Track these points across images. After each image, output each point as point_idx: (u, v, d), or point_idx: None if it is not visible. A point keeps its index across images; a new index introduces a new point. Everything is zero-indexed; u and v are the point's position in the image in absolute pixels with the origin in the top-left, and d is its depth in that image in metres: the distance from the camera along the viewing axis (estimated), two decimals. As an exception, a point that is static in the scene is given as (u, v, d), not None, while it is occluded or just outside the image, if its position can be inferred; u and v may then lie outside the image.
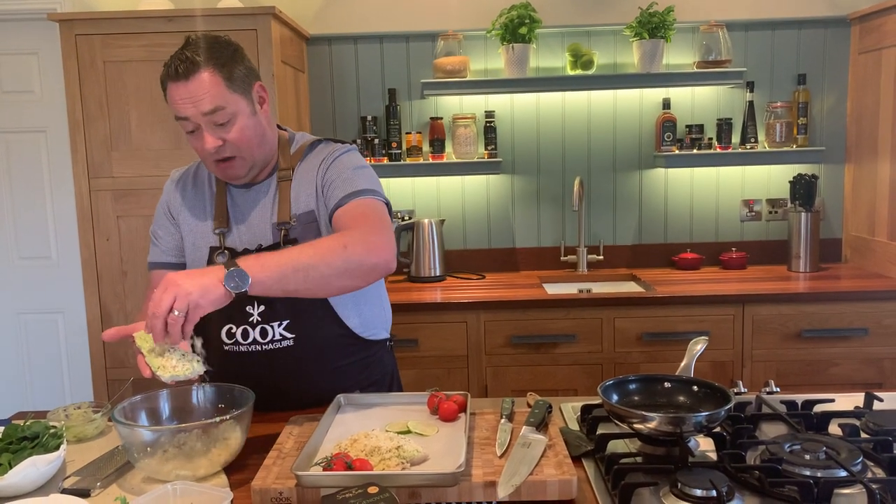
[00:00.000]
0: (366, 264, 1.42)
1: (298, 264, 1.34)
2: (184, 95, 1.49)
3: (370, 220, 1.51)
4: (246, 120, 1.54)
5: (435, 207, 3.38)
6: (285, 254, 1.37)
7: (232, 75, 1.52)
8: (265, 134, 1.60)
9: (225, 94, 1.50)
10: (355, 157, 1.67)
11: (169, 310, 1.23)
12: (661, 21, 3.06)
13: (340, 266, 1.38)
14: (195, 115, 1.50)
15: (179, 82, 1.49)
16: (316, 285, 1.38)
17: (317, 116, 3.32)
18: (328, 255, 1.37)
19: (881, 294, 2.76)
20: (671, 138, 3.21)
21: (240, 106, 1.53)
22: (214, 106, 1.49)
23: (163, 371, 1.30)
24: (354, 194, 1.56)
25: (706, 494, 1.10)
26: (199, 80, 1.48)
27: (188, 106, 1.49)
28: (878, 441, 1.27)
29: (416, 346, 2.80)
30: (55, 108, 3.21)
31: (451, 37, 3.17)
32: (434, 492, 1.15)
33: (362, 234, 1.45)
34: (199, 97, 1.48)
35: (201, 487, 1.16)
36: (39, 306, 3.34)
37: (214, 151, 1.53)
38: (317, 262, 1.36)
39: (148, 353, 1.31)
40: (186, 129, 1.54)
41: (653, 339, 2.78)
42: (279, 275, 1.32)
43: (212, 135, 1.52)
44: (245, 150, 1.56)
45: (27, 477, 1.23)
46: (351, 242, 1.41)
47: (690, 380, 1.41)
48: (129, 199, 2.74)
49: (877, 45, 3.03)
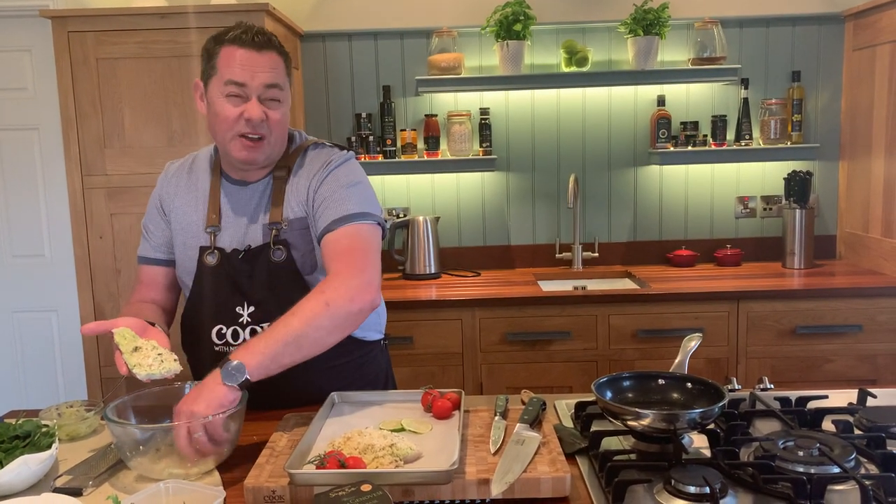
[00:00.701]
0: (352, 314, 1.46)
1: (288, 338, 1.38)
2: (251, 63, 1.52)
3: (354, 257, 1.51)
4: (286, 109, 1.60)
5: (430, 205, 3.37)
6: (271, 333, 1.39)
7: (289, 67, 1.61)
8: (286, 128, 1.65)
9: (285, 78, 1.59)
10: (351, 169, 1.65)
11: (189, 437, 1.25)
12: (655, 18, 3.06)
13: (328, 325, 1.43)
14: (255, 85, 1.53)
15: (251, 50, 1.53)
16: (309, 351, 1.43)
17: (311, 113, 3.31)
18: (314, 319, 1.41)
19: (875, 290, 2.77)
20: (666, 135, 3.21)
21: (287, 94, 1.61)
22: (278, 82, 1.55)
23: (139, 369, 1.31)
24: (344, 220, 1.55)
25: (700, 491, 1.10)
26: (270, 56, 1.55)
27: (252, 73, 1.52)
28: (871, 437, 1.27)
29: (410, 343, 2.79)
30: (48, 106, 3.19)
31: (446, 33, 3.16)
32: (427, 489, 1.15)
33: (343, 280, 1.47)
34: (268, 69, 1.54)
35: (194, 486, 1.15)
36: (33, 304, 3.33)
37: (257, 122, 1.53)
38: (305, 330, 1.40)
39: (125, 350, 1.31)
40: (230, 92, 1.53)
41: (647, 336, 2.78)
42: (272, 354, 1.36)
43: (259, 107, 1.54)
44: (275, 135, 1.59)
45: (19, 476, 1.22)
46: (332, 298, 1.43)
47: (684, 377, 1.41)
48: (123, 196, 2.73)
49: (871, 41, 3.04)
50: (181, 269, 1.67)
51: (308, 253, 1.61)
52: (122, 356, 1.32)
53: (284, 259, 1.59)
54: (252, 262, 1.60)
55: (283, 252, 1.59)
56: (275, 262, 1.59)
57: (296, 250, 1.60)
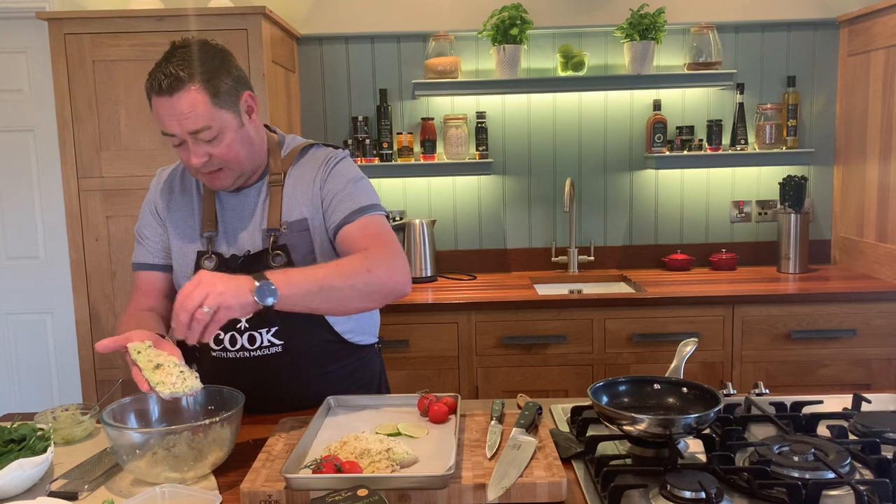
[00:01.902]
0: (386, 287, 1.46)
1: (324, 284, 1.38)
2: (168, 112, 1.46)
3: (385, 242, 1.53)
4: (232, 135, 1.51)
5: (426, 208, 3.37)
6: (311, 272, 1.39)
7: (218, 91, 1.48)
8: (253, 144, 1.58)
9: (211, 112, 1.47)
10: (351, 166, 1.66)
11: (199, 305, 1.23)
12: (651, 22, 3.07)
13: (363, 288, 1.43)
14: (180, 133, 1.47)
15: (163, 97, 1.45)
16: (336, 305, 1.42)
17: (307, 117, 3.31)
18: (353, 277, 1.41)
19: (870, 295, 2.78)
20: (662, 139, 3.22)
21: (226, 122, 1.50)
22: (199, 126, 1.46)
23: (163, 387, 1.29)
24: (360, 211, 1.57)
25: (695, 496, 1.10)
26: (183, 98, 1.45)
27: (173, 123, 1.46)
28: (865, 443, 1.28)
29: (406, 346, 2.79)
30: (44, 108, 3.19)
31: (443, 37, 3.17)
32: (424, 494, 1.15)
33: (384, 257, 1.48)
34: (185, 116, 1.45)
35: (190, 490, 1.15)
36: (28, 307, 3.32)
37: (201, 166, 1.51)
38: (341, 284, 1.40)
39: (145, 367, 1.30)
40: (173, 143, 1.51)
41: (643, 340, 2.79)
42: (304, 292, 1.36)
43: (197, 151, 1.49)
44: (232, 163, 1.54)
45: (14, 479, 1.22)
46: (374, 266, 1.44)
47: (680, 381, 1.41)
48: (118, 199, 2.73)
49: (865, 47, 3.05)
50: (179, 274, 1.66)
51: (308, 255, 1.60)
52: (143, 373, 1.31)
53: (284, 265, 1.58)
54: (251, 268, 1.59)
55: (282, 258, 1.58)
56: (274, 269, 1.58)
57: (296, 253, 1.59)
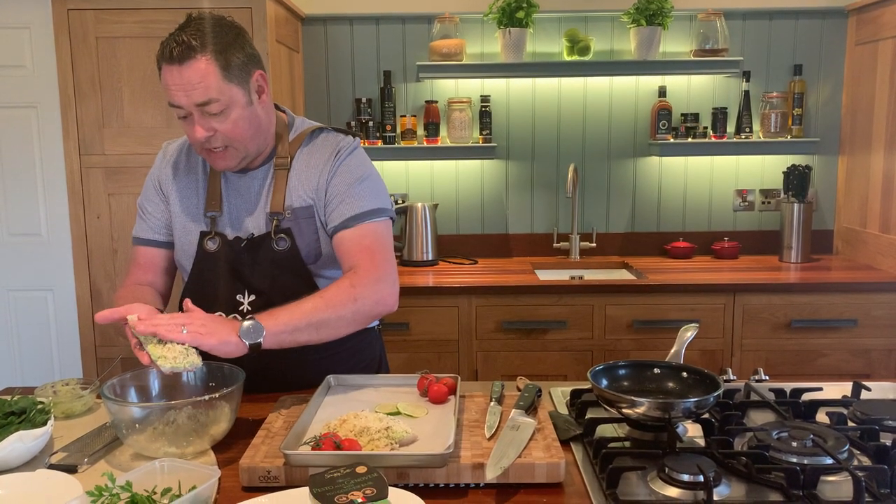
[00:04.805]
0: (374, 313, 1.53)
1: (312, 319, 1.42)
2: (177, 81, 1.43)
3: (377, 257, 1.55)
4: (240, 111, 1.48)
5: (429, 191, 3.37)
6: (298, 308, 1.42)
7: (229, 64, 1.45)
8: (260, 125, 1.55)
9: (220, 84, 1.44)
10: (361, 160, 1.64)
11: (180, 325, 1.30)
12: (658, 8, 3.04)
13: (351, 318, 1.48)
14: (187, 104, 1.45)
15: (173, 66, 1.43)
16: (326, 335, 1.47)
17: (311, 98, 3.30)
18: (340, 308, 1.46)
19: (871, 286, 2.78)
20: (666, 126, 3.21)
21: (235, 97, 1.47)
22: (207, 98, 1.44)
23: (164, 361, 1.29)
24: (361, 217, 1.56)
25: (693, 479, 1.11)
26: (193, 68, 1.42)
27: (180, 94, 1.44)
28: (864, 430, 1.28)
29: (407, 329, 2.80)
30: (46, 84, 3.16)
31: (448, 19, 3.15)
32: (422, 473, 1.15)
33: (373, 281, 1.51)
34: (193, 86, 1.42)
35: (189, 465, 1.16)
36: (29, 283, 3.31)
37: (205, 141, 1.48)
38: (328, 316, 1.44)
39: (146, 340, 1.30)
40: (178, 115, 1.49)
41: (643, 327, 2.79)
42: (293, 329, 1.40)
43: (203, 124, 1.47)
44: (237, 142, 1.51)
45: (13, 451, 1.23)
46: (361, 294, 1.48)
47: (680, 366, 1.41)
48: (121, 176, 2.72)
49: (873, 36, 3.03)
50: (181, 252, 1.65)
51: (313, 242, 1.59)
52: (144, 346, 1.31)
53: (287, 249, 1.57)
54: (254, 251, 1.58)
55: (286, 241, 1.57)
56: (277, 252, 1.58)
57: (300, 238, 1.58)
